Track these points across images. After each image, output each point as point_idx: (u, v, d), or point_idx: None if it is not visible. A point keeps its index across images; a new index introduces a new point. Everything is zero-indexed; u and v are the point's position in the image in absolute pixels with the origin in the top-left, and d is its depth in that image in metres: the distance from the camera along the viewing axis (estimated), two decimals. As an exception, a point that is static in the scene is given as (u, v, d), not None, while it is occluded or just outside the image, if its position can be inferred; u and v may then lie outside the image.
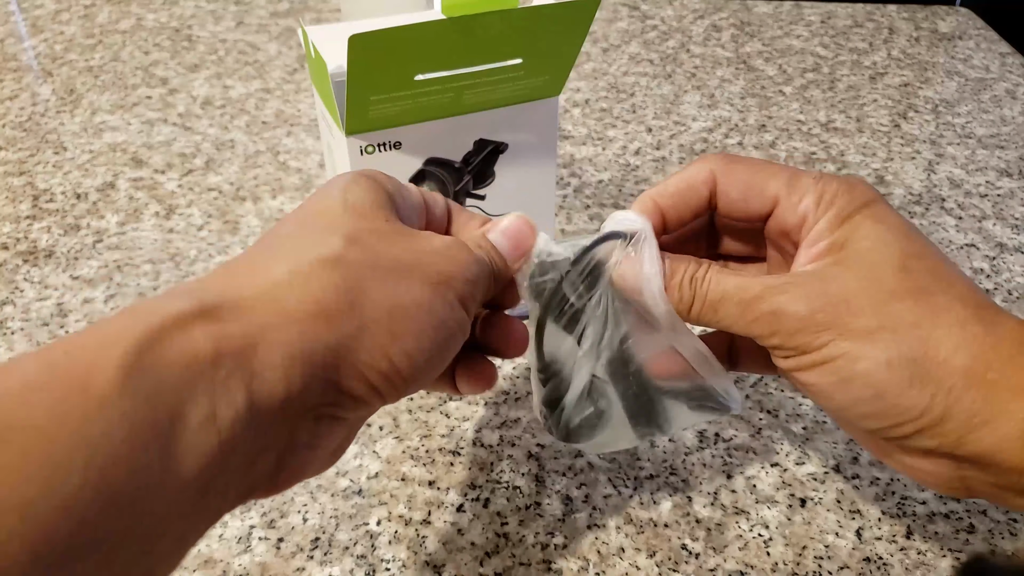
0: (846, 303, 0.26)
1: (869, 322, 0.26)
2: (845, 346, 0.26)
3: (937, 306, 0.26)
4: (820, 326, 0.26)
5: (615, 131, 0.69)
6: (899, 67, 0.79)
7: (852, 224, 0.27)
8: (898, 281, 0.26)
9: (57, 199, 0.60)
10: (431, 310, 0.23)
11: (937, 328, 0.25)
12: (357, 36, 0.32)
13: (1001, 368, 0.25)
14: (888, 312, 0.26)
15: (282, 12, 0.91)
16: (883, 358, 0.25)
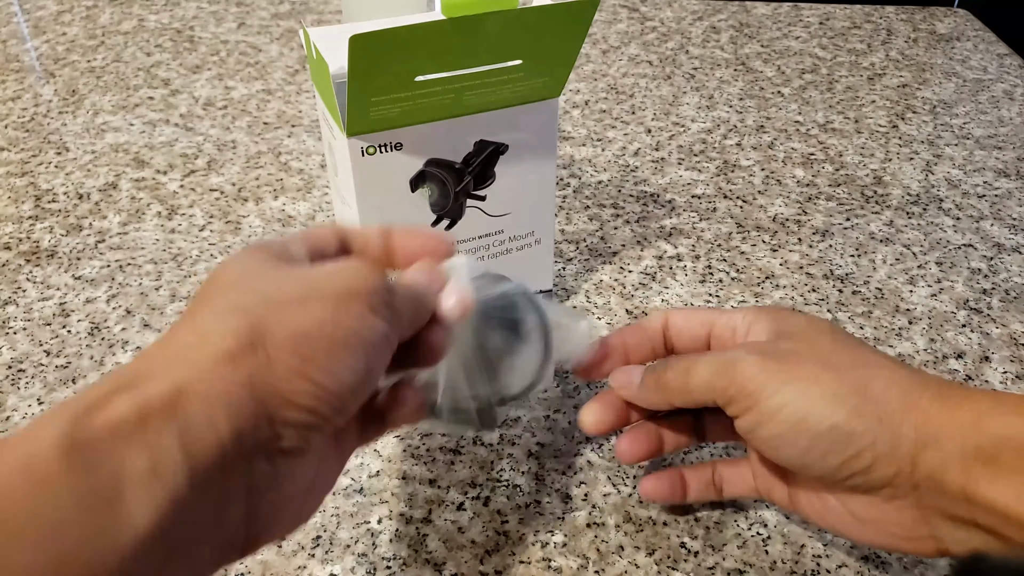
0: (791, 356, 0.30)
1: (812, 368, 0.29)
2: (796, 388, 0.29)
3: (868, 359, 0.30)
4: (771, 374, 0.29)
5: (614, 132, 0.69)
6: (897, 68, 0.80)
7: (780, 318, 0.32)
8: (832, 344, 0.30)
9: (59, 199, 0.60)
10: (337, 325, 0.24)
11: (870, 369, 0.29)
12: (358, 36, 0.32)
13: (931, 400, 0.27)
14: (827, 361, 0.29)
15: (283, 13, 0.91)
16: (830, 393, 0.28)
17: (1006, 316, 0.49)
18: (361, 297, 0.25)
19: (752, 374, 0.29)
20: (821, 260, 0.54)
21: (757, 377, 0.29)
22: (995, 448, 0.26)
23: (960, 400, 0.27)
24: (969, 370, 0.45)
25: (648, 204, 0.60)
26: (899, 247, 0.55)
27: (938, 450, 0.26)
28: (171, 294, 0.51)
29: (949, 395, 0.28)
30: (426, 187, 0.41)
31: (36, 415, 0.43)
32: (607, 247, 0.55)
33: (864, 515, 0.29)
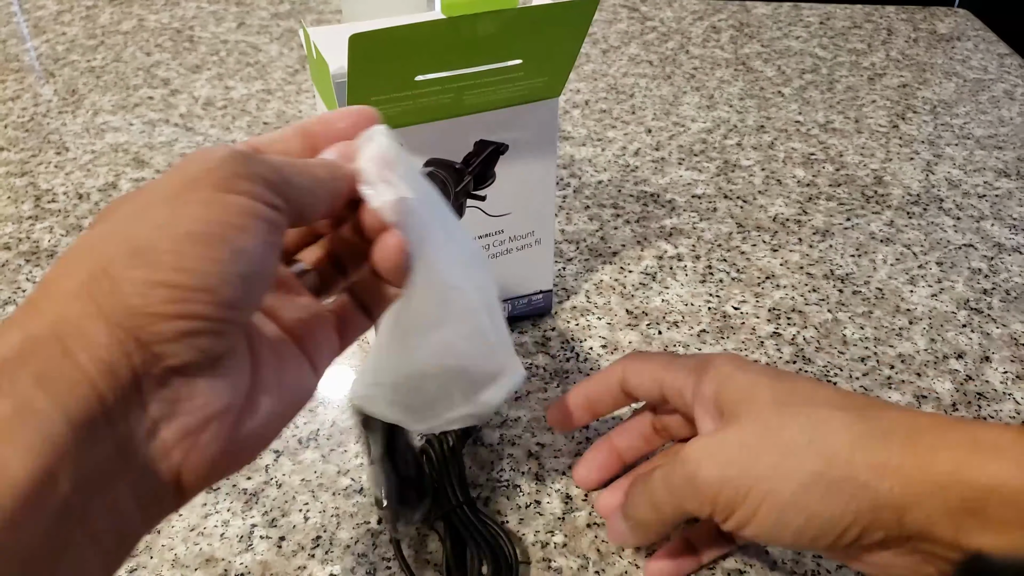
0: (745, 451, 0.29)
1: (770, 459, 0.28)
2: (764, 488, 0.28)
3: (819, 419, 0.28)
4: (737, 478, 0.28)
5: (615, 132, 0.69)
6: (897, 68, 0.80)
7: (720, 382, 0.31)
8: (776, 414, 0.29)
9: (59, 199, 0.60)
10: (177, 219, 0.21)
11: (828, 437, 0.28)
12: (358, 36, 0.32)
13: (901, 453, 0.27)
14: (781, 445, 0.28)
15: (283, 13, 0.91)
16: (797, 486, 0.27)
17: (1006, 316, 0.49)
18: (202, 181, 0.22)
19: (716, 491, 0.29)
20: (821, 260, 0.54)
21: (722, 492, 0.29)
22: (980, 501, 0.25)
23: (932, 447, 0.27)
24: (969, 370, 0.45)
25: (648, 204, 0.60)
26: (899, 247, 0.55)
27: (922, 510, 0.26)
28: (171, 294, 0.51)
29: (916, 440, 0.27)
30: (426, 187, 0.41)
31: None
32: (607, 247, 0.55)
33: (868, 562, 0.29)
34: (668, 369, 0.34)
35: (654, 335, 0.48)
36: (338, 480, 0.39)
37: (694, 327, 0.48)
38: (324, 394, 0.44)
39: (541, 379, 0.45)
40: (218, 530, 0.37)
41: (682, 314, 0.49)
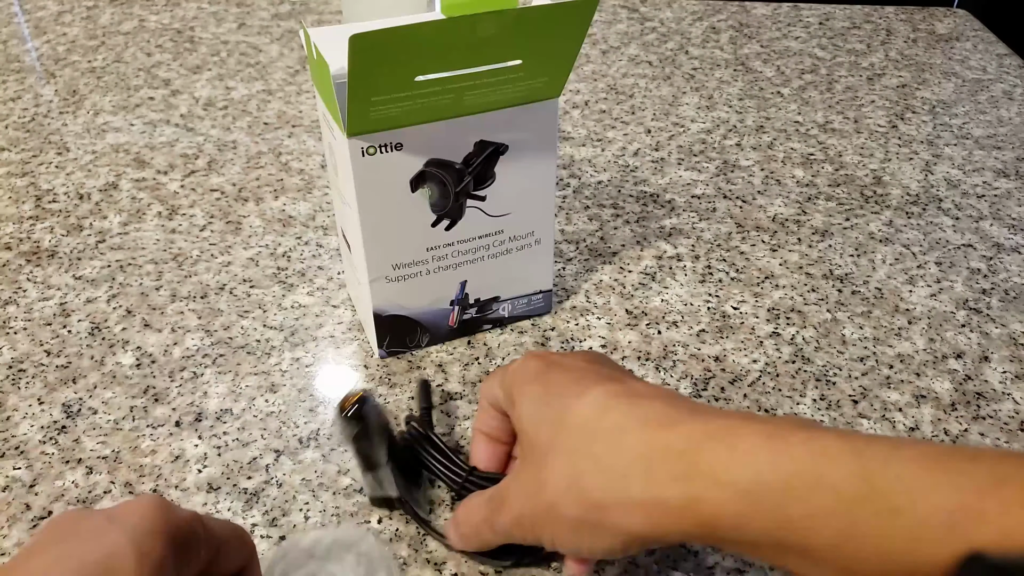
0: (531, 495, 0.30)
1: (546, 502, 0.29)
2: (550, 529, 0.30)
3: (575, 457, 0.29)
4: (529, 524, 0.31)
5: (614, 132, 0.69)
6: (897, 68, 0.80)
7: (514, 408, 0.33)
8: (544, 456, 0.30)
9: (60, 199, 0.60)
10: None
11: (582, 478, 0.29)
12: (358, 36, 0.32)
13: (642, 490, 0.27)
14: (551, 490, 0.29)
15: (284, 14, 0.91)
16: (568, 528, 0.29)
17: (1005, 316, 0.49)
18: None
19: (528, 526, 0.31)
20: (821, 260, 0.54)
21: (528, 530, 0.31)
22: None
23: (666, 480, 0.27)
24: (968, 370, 0.45)
25: (648, 204, 0.60)
26: (898, 247, 0.55)
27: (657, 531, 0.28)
28: (171, 294, 0.51)
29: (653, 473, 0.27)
30: (426, 187, 0.41)
31: (36, 412, 0.43)
32: (607, 247, 0.55)
33: None
34: (496, 386, 0.35)
35: (653, 335, 0.48)
36: (338, 480, 0.39)
37: (693, 327, 0.48)
38: (324, 394, 0.44)
39: (541, 379, 0.45)
40: (219, 529, 0.37)
41: (681, 314, 0.49)
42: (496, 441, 0.37)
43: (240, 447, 0.41)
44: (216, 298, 0.51)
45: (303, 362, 0.46)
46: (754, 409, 0.43)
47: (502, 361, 0.46)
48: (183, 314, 0.49)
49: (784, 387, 0.44)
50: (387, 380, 0.45)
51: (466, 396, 0.44)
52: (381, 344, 0.45)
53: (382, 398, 0.44)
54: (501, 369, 0.36)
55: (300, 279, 0.52)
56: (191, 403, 0.43)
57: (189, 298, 0.51)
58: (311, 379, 0.45)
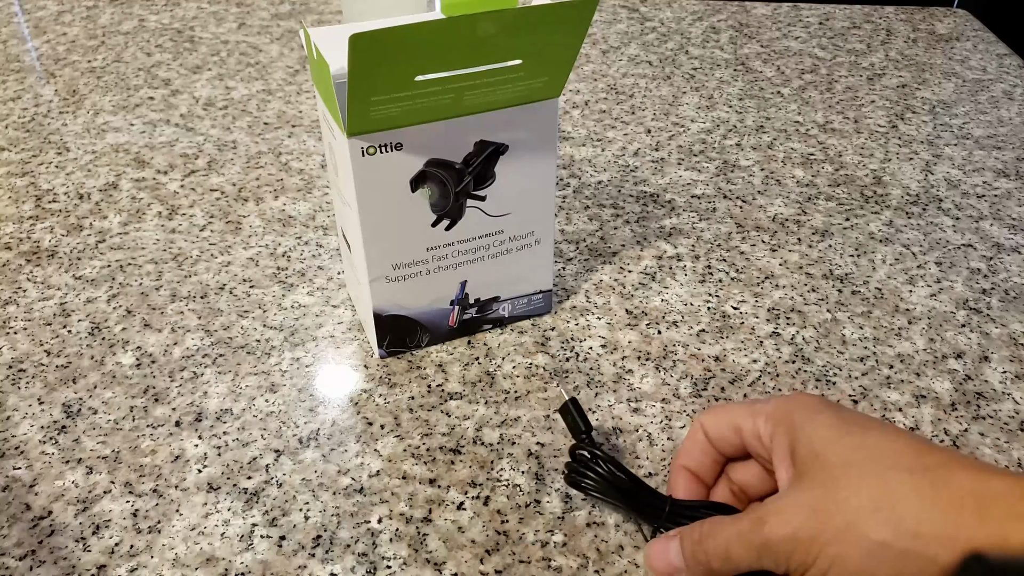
0: (815, 515, 0.28)
1: (839, 524, 0.28)
2: (832, 553, 0.28)
3: (887, 485, 0.28)
4: (807, 540, 0.28)
5: (614, 132, 0.69)
6: (897, 68, 0.80)
7: (797, 428, 0.31)
8: (844, 475, 0.29)
9: (60, 199, 0.60)
10: None
11: (896, 506, 0.27)
12: (358, 35, 0.32)
13: (971, 528, 0.26)
14: (850, 511, 0.28)
15: (284, 14, 0.91)
16: (864, 553, 0.27)
17: (1005, 316, 0.49)
18: None
19: (787, 551, 0.29)
20: (821, 260, 0.54)
21: (794, 553, 0.29)
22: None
23: (1004, 518, 0.26)
24: (968, 370, 0.45)
25: (648, 204, 0.60)
26: (898, 247, 0.55)
27: None
28: (171, 294, 0.51)
29: (987, 511, 0.26)
30: (426, 187, 0.41)
31: (36, 412, 0.43)
32: (607, 247, 0.55)
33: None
34: (746, 416, 0.34)
35: (653, 335, 0.48)
36: (338, 479, 0.39)
37: (693, 327, 0.48)
38: (324, 394, 0.44)
39: (541, 379, 0.45)
40: (218, 530, 0.37)
41: (681, 314, 0.49)
42: (698, 480, 0.36)
43: (240, 447, 0.41)
44: (216, 298, 0.51)
45: (303, 362, 0.46)
46: (754, 409, 0.43)
47: (502, 361, 0.46)
48: (183, 314, 0.49)
49: (784, 387, 0.44)
50: (387, 380, 0.45)
51: (466, 396, 0.44)
52: (381, 344, 0.45)
53: (382, 398, 0.44)
54: (745, 406, 0.34)
55: (300, 279, 0.52)
56: (191, 403, 0.43)
57: (189, 298, 0.51)
58: (311, 379, 0.45)
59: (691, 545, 0.32)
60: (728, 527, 0.31)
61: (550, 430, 0.42)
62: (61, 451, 0.41)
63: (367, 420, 0.42)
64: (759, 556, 0.30)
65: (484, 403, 0.43)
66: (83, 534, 0.37)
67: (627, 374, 0.45)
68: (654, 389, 0.44)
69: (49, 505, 0.38)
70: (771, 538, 0.29)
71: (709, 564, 0.31)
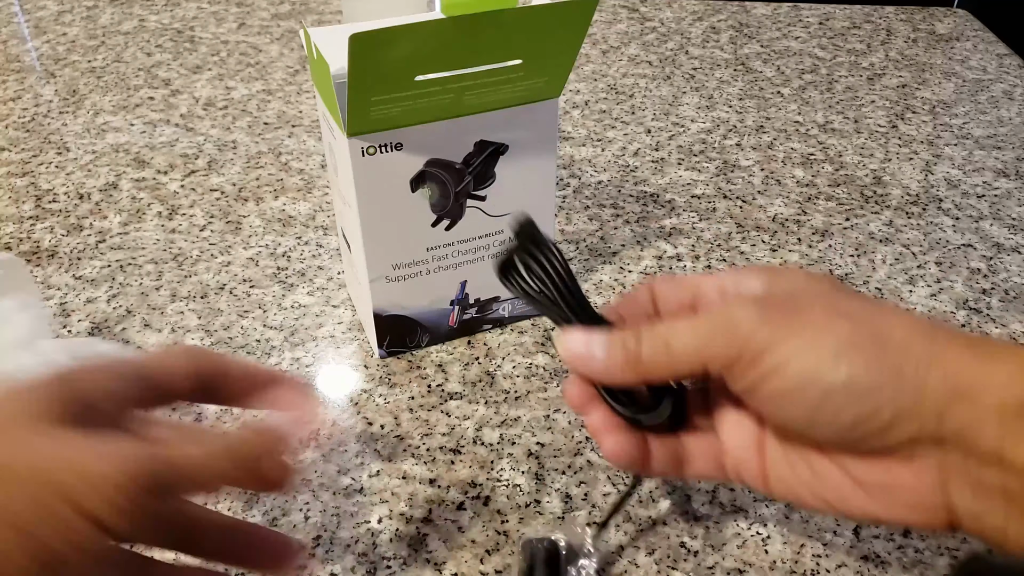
0: (794, 305, 0.26)
1: (821, 316, 0.26)
2: (805, 339, 0.25)
3: (882, 308, 0.26)
4: (776, 325, 0.25)
5: (614, 132, 0.69)
6: (897, 68, 0.80)
7: (775, 273, 0.29)
8: (837, 293, 0.27)
9: (60, 199, 0.60)
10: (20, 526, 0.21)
11: (887, 317, 0.25)
12: (358, 35, 0.32)
13: (960, 350, 0.24)
14: (836, 308, 0.26)
15: (284, 14, 0.91)
16: (844, 341, 0.25)
17: (1005, 316, 0.49)
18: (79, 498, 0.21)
19: (751, 328, 0.25)
20: (821, 260, 0.54)
21: (758, 331, 0.25)
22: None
23: (995, 352, 0.24)
24: (968, 370, 0.45)
25: (648, 204, 0.60)
26: (899, 247, 0.55)
27: (972, 405, 0.23)
28: (171, 294, 0.51)
29: (981, 346, 0.24)
30: (426, 187, 0.41)
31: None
32: (607, 247, 0.55)
33: (870, 481, 0.26)
34: (706, 275, 0.31)
35: (654, 335, 0.48)
36: (338, 480, 0.39)
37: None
38: (324, 394, 0.44)
39: (541, 379, 0.45)
40: (219, 529, 0.37)
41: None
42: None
43: (240, 447, 0.41)
44: (216, 298, 0.51)
45: (303, 362, 0.46)
46: (754, 409, 0.43)
47: (502, 361, 0.46)
48: (183, 314, 0.49)
49: (784, 387, 0.44)
50: (387, 380, 0.45)
51: (466, 396, 0.44)
52: (381, 344, 0.45)
53: (382, 398, 0.44)
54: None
55: (300, 279, 0.52)
56: (191, 403, 0.43)
57: (189, 298, 0.51)
58: (311, 379, 0.45)
59: (622, 338, 0.28)
60: (669, 321, 0.28)
61: (550, 430, 0.42)
62: (61, 451, 0.41)
63: (367, 420, 0.42)
64: (709, 340, 0.26)
65: (484, 403, 0.43)
66: (83, 534, 0.37)
67: (627, 374, 0.45)
68: (654, 389, 0.44)
69: (49, 505, 0.38)
70: (736, 315, 0.26)
71: (641, 356, 0.27)
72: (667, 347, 0.27)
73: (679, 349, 0.27)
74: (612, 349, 0.28)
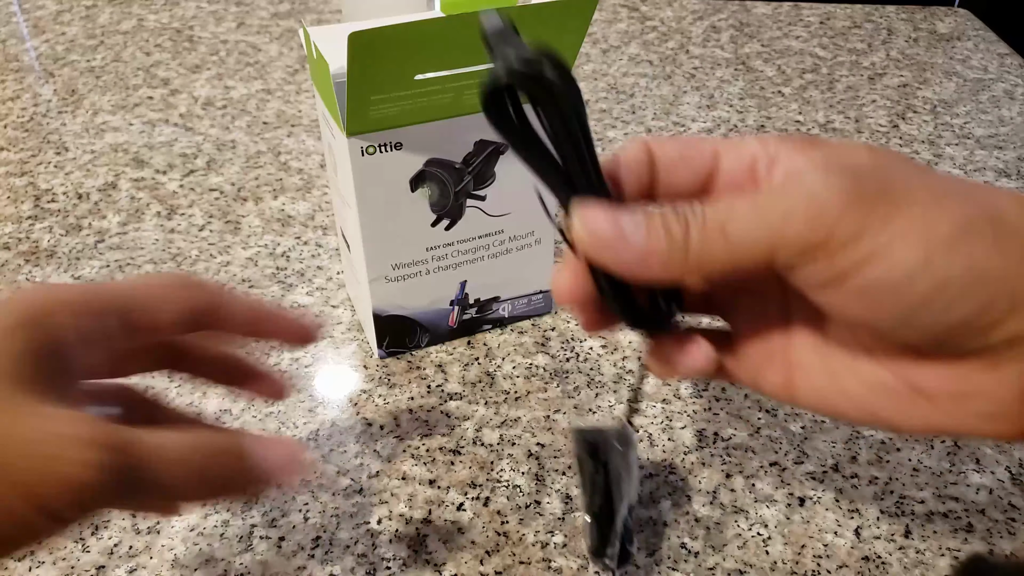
0: (886, 175, 0.21)
1: (924, 192, 0.21)
2: (914, 217, 0.20)
3: (980, 185, 0.22)
4: (872, 203, 0.21)
5: (615, 132, 0.69)
6: (898, 68, 0.80)
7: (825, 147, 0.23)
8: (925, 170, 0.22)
9: (59, 199, 0.60)
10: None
11: (993, 195, 0.21)
12: (357, 33, 0.32)
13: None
14: (934, 188, 0.21)
15: (283, 13, 0.91)
16: (961, 221, 0.21)
17: (1007, 316, 0.49)
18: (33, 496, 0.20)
19: (842, 205, 0.20)
20: (822, 260, 0.54)
21: (852, 209, 0.20)
22: None
23: None
24: (970, 370, 0.45)
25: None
26: (900, 247, 0.55)
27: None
28: (170, 294, 0.51)
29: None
30: (426, 187, 0.41)
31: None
32: (607, 247, 0.55)
33: (941, 389, 0.23)
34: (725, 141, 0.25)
35: (654, 335, 0.48)
36: (338, 480, 0.39)
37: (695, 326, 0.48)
38: (324, 394, 0.44)
39: (541, 379, 0.45)
40: (218, 530, 0.37)
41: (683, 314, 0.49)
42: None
43: (239, 448, 0.41)
44: (215, 298, 0.51)
45: (302, 362, 0.46)
46: (755, 409, 0.43)
47: (502, 361, 0.46)
48: (182, 314, 0.49)
49: (785, 387, 0.44)
50: (386, 380, 0.45)
51: (466, 396, 0.44)
52: (381, 344, 0.45)
53: (381, 398, 0.43)
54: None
55: (299, 279, 0.52)
56: (190, 403, 0.43)
57: (188, 298, 0.51)
58: (310, 379, 0.45)
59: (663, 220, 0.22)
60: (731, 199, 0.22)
61: (550, 431, 0.42)
62: (59, 452, 0.41)
63: (367, 421, 0.42)
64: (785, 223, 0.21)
65: (484, 403, 0.43)
66: (82, 534, 0.36)
67: (628, 374, 0.45)
68: (655, 390, 0.44)
69: (47, 506, 0.38)
70: (826, 186, 0.21)
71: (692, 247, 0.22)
72: (723, 233, 0.21)
73: (741, 234, 0.21)
74: (654, 233, 0.22)
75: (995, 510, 0.37)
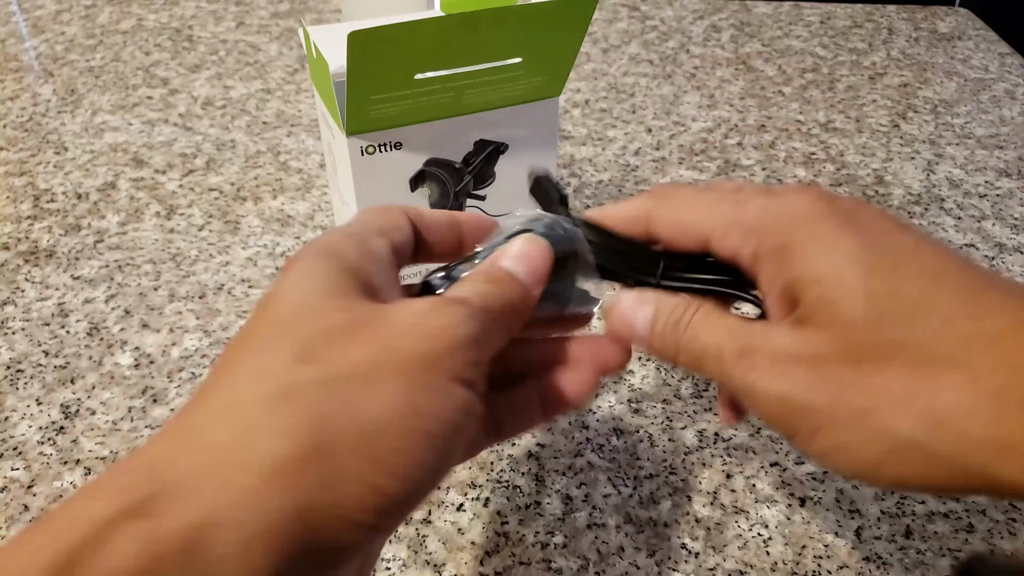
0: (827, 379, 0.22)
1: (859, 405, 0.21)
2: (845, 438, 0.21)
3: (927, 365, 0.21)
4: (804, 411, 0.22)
5: (615, 131, 0.69)
6: (898, 67, 0.80)
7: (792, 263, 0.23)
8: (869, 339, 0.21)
9: (58, 199, 0.60)
10: (416, 411, 0.19)
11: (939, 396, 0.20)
12: (357, 33, 0.32)
13: None
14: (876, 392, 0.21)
15: (283, 13, 0.91)
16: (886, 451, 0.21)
17: (1008, 316, 0.49)
18: (444, 363, 0.20)
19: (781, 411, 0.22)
20: (822, 260, 0.54)
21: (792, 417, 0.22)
22: None
23: None
24: (971, 370, 0.45)
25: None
26: (900, 247, 0.55)
27: None
28: (170, 294, 0.51)
29: None
30: (426, 187, 0.41)
31: (34, 413, 0.43)
32: (607, 247, 0.55)
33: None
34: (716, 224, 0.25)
35: (654, 335, 0.48)
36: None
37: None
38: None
39: (541, 379, 0.44)
40: (217, 531, 0.37)
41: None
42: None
43: (238, 448, 0.41)
44: (214, 298, 0.50)
45: (302, 362, 0.46)
46: (755, 410, 0.43)
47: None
48: (181, 314, 0.49)
49: (786, 388, 0.44)
50: (386, 380, 0.44)
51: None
52: (380, 344, 0.45)
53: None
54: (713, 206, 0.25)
55: (299, 279, 0.52)
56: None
57: (187, 298, 0.50)
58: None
59: (665, 326, 0.25)
60: (713, 334, 0.24)
61: (550, 431, 0.41)
62: (59, 452, 0.41)
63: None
64: (735, 393, 0.24)
65: (484, 404, 0.43)
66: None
67: (628, 374, 0.45)
68: (655, 389, 0.44)
69: (47, 506, 0.38)
70: (755, 388, 0.22)
71: (676, 357, 0.25)
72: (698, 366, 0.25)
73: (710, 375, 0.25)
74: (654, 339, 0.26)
75: (995, 510, 0.37)
